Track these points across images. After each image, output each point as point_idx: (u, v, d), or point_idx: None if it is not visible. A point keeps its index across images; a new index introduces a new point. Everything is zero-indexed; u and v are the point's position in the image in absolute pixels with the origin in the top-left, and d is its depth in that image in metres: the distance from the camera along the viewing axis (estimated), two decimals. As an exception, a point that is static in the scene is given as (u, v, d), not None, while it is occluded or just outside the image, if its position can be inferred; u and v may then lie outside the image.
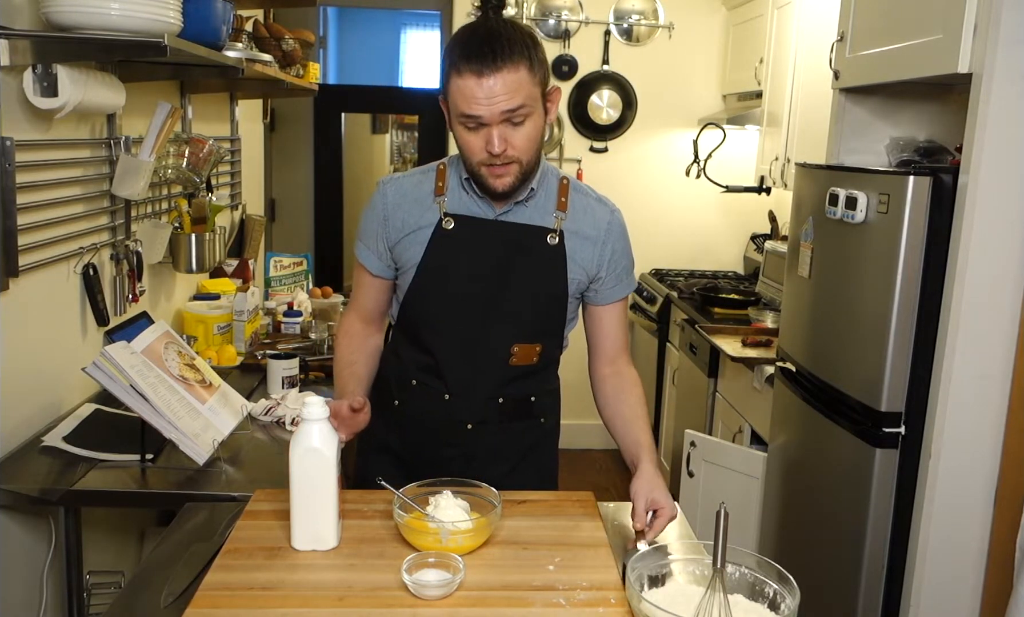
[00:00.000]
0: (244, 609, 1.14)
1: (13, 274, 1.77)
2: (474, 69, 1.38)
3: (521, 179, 1.49)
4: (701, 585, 1.15)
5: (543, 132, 1.48)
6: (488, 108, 1.40)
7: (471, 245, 1.54)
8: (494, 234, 1.54)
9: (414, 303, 1.58)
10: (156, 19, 1.69)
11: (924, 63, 2.04)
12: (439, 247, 1.54)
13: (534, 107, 1.43)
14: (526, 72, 1.40)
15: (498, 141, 1.42)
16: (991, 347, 1.93)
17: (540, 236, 1.55)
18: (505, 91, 1.39)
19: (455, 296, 1.55)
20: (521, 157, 1.45)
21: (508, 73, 1.39)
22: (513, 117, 1.41)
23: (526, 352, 1.57)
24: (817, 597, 2.23)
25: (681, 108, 4.46)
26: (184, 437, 1.75)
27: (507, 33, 1.41)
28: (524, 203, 1.55)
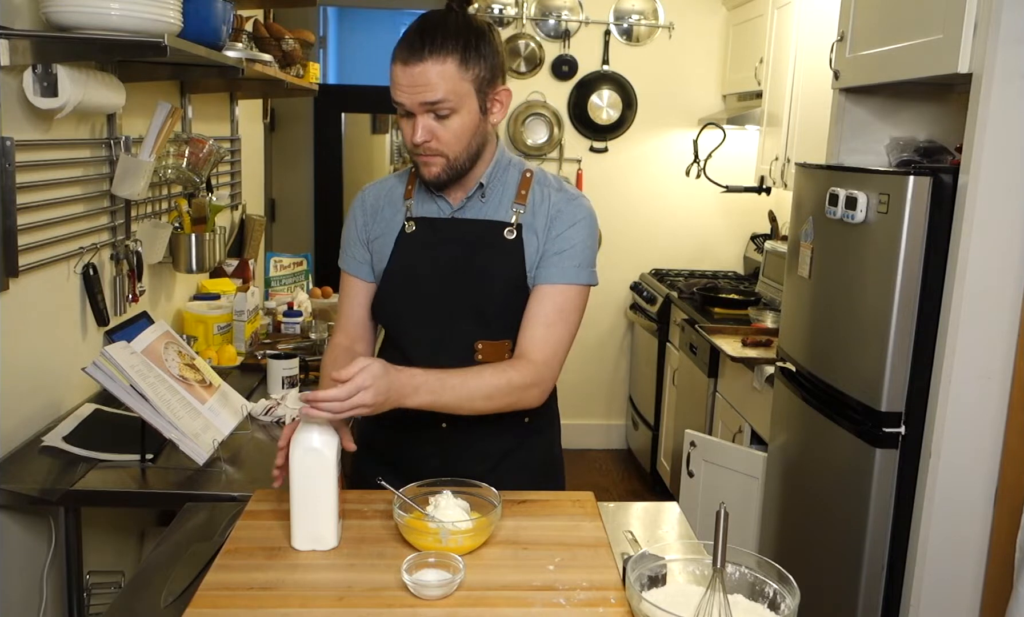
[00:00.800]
0: (244, 609, 1.14)
1: (13, 274, 1.77)
2: (402, 57, 1.40)
3: (452, 173, 1.48)
4: (701, 585, 1.15)
5: (477, 130, 1.46)
6: (409, 97, 1.41)
7: (430, 245, 1.55)
8: (450, 232, 1.55)
9: (384, 306, 1.59)
10: (156, 19, 1.69)
11: (924, 63, 2.04)
12: (402, 250, 1.56)
13: (461, 103, 1.42)
14: (454, 66, 1.39)
15: (420, 131, 1.42)
16: (991, 347, 1.93)
17: (497, 231, 1.53)
18: (425, 82, 1.39)
19: (418, 296, 1.55)
20: (446, 151, 1.45)
21: (432, 65, 1.38)
22: (436, 110, 1.41)
23: (494, 349, 1.54)
24: (817, 597, 2.23)
25: (681, 108, 4.46)
26: (184, 437, 1.75)
27: (450, 25, 1.41)
28: (480, 199, 1.54)
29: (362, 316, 1.65)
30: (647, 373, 4.27)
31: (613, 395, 4.70)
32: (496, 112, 1.49)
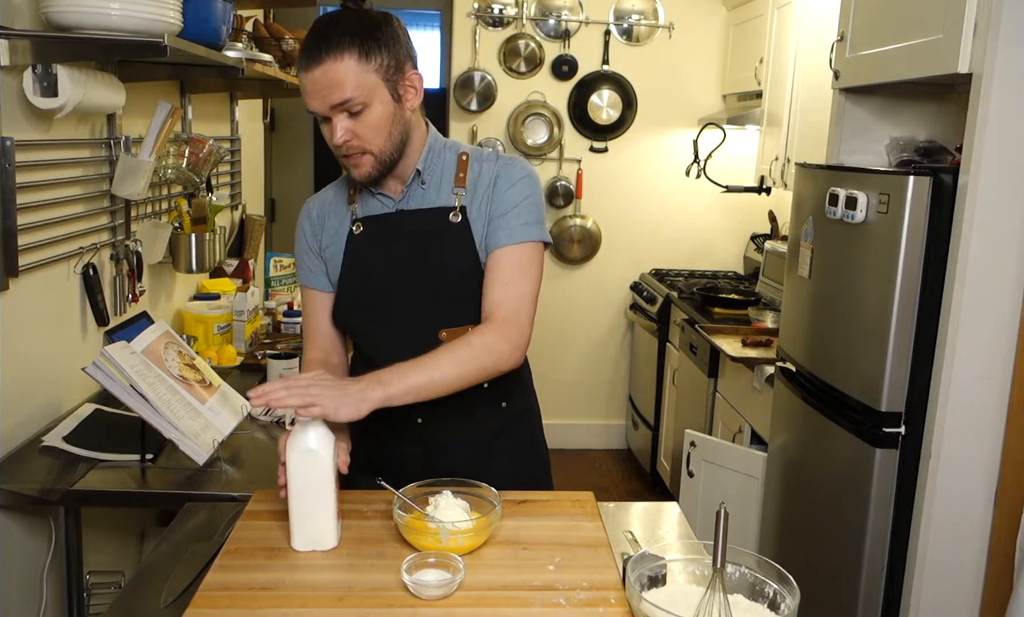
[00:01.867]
0: (244, 609, 1.14)
1: (13, 274, 1.77)
2: (303, 65, 1.40)
3: (381, 167, 1.48)
4: (701, 585, 1.15)
5: (395, 119, 1.45)
6: (319, 101, 1.40)
7: (380, 243, 1.55)
8: (397, 226, 1.54)
9: (343, 312, 1.59)
10: (156, 19, 1.69)
11: (924, 63, 2.04)
12: (353, 253, 1.56)
13: (371, 96, 1.41)
14: (354, 61, 1.38)
15: (339, 132, 1.42)
16: (991, 347, 1.93)
17: (442, 217, 1.53)
18: (328, 84, 1.38)
19: (375, 295, 1.55)
20: (369, 146, 1.44)
21: (330, 64, 1.38)
22: (348, 108, 1.40)
23: (458, 335, 1.49)
24: (817, 597, 2.23)
25: (681, 108, 4.46)
26: (184, 437, 1.75)
27: (343, 23, 1.40)
28: (420, 186, 1.54)
29: (328, 327, 1.63)
30: (647, 373, 4.27)
31: (613, 395, 4.70)
32: (411, 98, 1.48)
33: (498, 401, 1.61)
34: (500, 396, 1.61)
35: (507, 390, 1.62)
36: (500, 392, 1.61)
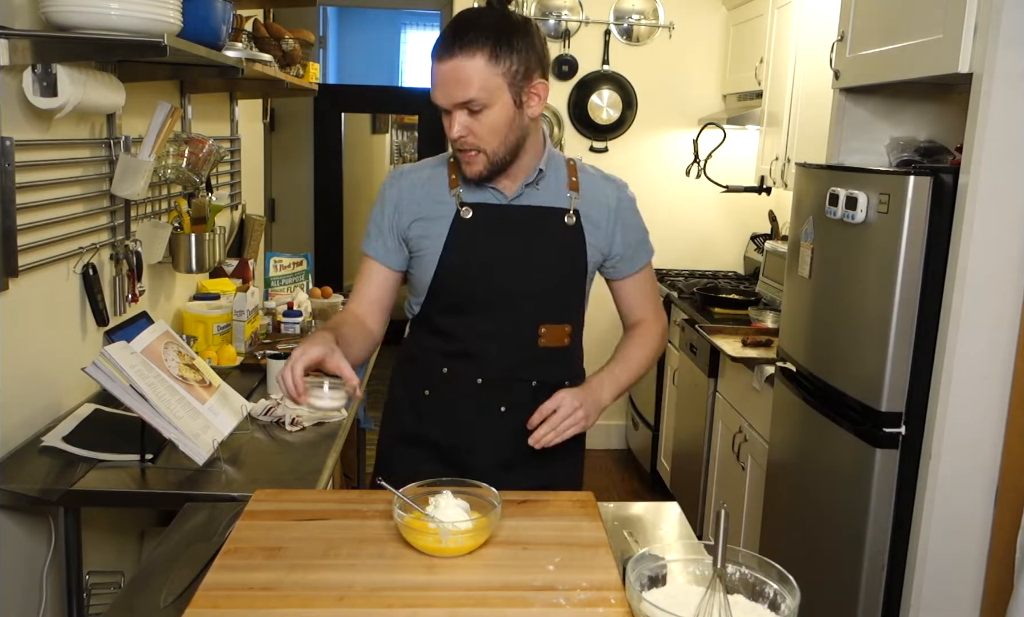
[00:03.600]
0: (244, 609, 1.14)
1: (13, 274, 1.77)
2: (436, 55, 1.44)
3: (493, 168, 1.51)
4: (701, 585, 1.15)
5: (513, 124, 1.48)
6: (443, 95, 1.45)
7: (491, 231, 1.57)
8: (512, 218, 1.58)
9: (439, 291, 1.59)
10: (156, 19, 1.69)
11: (924, 63, 2.04)
12: (459, 235, 1.56)
13: (493, 98, 1.44)
14: (483, 61, 1.42)
15: (456, 127, 1.46)
16: (991, 347, 1.93)
17: (557, 217, 1.59)
18: (455, 79, 1.42)
19: (480, 281, 1.57)
20: (483, 146, 1.48)
21: (461, 61, 1.41)
22: (470, 106, 1.44)
23: (555, 333, 1.60)
24: (817, 597, 2.23)
25: (681, 108, 4.46)
26: (184, 437, 1.75)
27: (482, 21, 1.44)
28: (535, 186, 1.58)
29: (379, 298, 1.65)
30: (647, 373, 4.27)
31: (613, 395, 4.69)
32: (534, 105, 1.50)
33: None
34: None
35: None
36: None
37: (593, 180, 1.64)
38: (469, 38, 1.41)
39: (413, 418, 1.67)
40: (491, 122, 1.46)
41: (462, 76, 1.42)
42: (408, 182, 1.62)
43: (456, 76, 1.42)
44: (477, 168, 1.51)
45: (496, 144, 1.48)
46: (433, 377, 1.64)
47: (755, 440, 2.90)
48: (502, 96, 1.45)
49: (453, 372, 1.62)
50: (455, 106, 1.44)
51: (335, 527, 1.36)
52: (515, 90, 1.46)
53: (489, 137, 1.47)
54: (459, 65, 1.41)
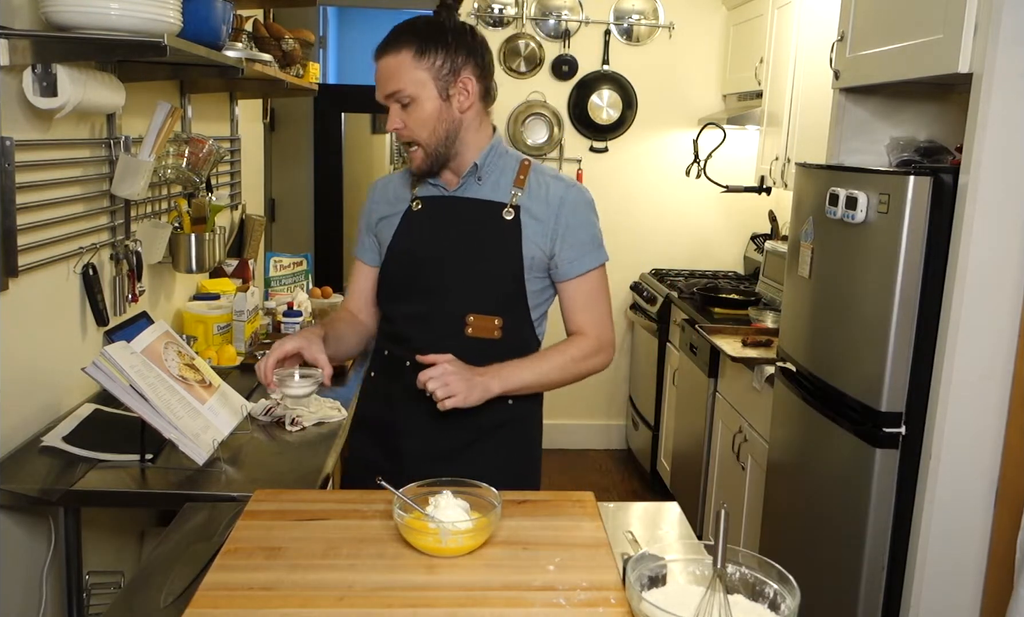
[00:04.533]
0: (244, 609, 1.14)
1: (13, 274, 1.77)
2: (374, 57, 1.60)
3: (431, 161, 1.62)
4: (701, 585, 1.15)
5: (441, 117, 1.59)
6: (378, 91, 1.60)
7: (432, 221, 1.68)
8: (451, 209, 1.67)
9: (385, 278, 1.73)
10: (156, 19, 1.69)
11: (924, 63, 2.04)
12: (407, 226, 1.70)
13: (418, 91, 1.57)
14: (408, 57, 1.55)
15: (390, 120, 1.59)
16: (991, 347, 1.93)
17: (495, 211, 1.65)
18: (385, 75, 1.57)
19: (416, 267, 1.67)
20: (416, 137, 1.60)
21: (389, 58, 1.56)
22: (398, 98, 1.58)
23: (484, 324, 1.64)
24: (817, 597, 2.23)
25: (681, 108, 4.46)
26: (184, 437, 1.75)
27: (415, 25, 1.59)
28: (477, 180, 1.67)
29: (365, 293, 1.80)
30: (647, 373, 4.27)
31: (613, 395, 4.70)
32: (462, 99, 1.60)
33: (505, 398, 1.65)
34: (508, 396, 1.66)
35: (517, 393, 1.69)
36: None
37: (543, 179, 1.69)
38: (397, 39, 1.57)
39: (363, 399, 1.82)
40: (420, 114, 1.58)
41: (390, 72, 1.56)
42: (380, 185, 1.80)
43: (386, 72, 1.57)
44: (416, 162, 1.62)
45: (426, 135, 1.59)
46: (378, 359, 1.77)
47: (755, 440, 2.90)
48: (428, 90, 1.57)
49: (391, 355, 1.72)
50: (386, 98, 1.58)
51: (335, 527, 1.36)
52: (441, 84, 1.58)
53: (419, 129, 1.59)
54: (387, 62, 1.57)
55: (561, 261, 1.67)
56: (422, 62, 1.56)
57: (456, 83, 1.59)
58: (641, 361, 4.44)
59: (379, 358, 1.76)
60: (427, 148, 1.61)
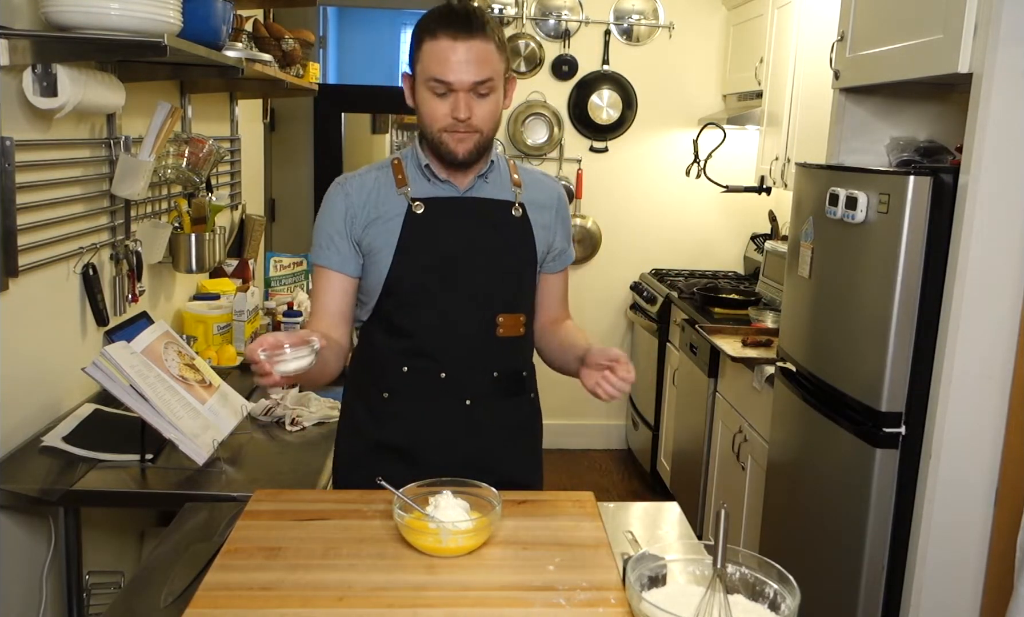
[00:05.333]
0: (244, 609, 1.14)
1: (13, 274, 1.77)
2: (450, 33, 1.46)
3: (480, 151, 1.56)
4: (701, 585, 1.15)
5: (499, 111, 1.56)
6: (458, 74, 1.46)
7: (442, 224, 1.58)
8: (463, 210, 1.60)
9: (395, 289, 1.58)
10: (156, 19, 1.69)
11: (924, 63, 2.04)
12: (412, 231, 1.57)
13: (497, 84, 1.52)
14: (495, 48, 1.50)
15: (464, 107, 1.48)
16: (991, 347, 1.93)
17: (505, 209, 1.63)
18: (476, 59, 1.47)
19: (434, 275, 1.57)
20: (482, 128, 1.53)
21: (481, 43, 1.47)
22: (480, 89, 1.49)
23: (512, 322, 1.62)
24: (817, 597, 2.23)
25: (681, 108, 4.46)
26: (184, 437, 1.75)
27: (480, 13, 1.51)
28: (485, 179, 1.62)
29: (342, 309, 1.62)
30: (647, 373, 4.27)
31: (613, 395, 4.69)
32: (509, 97, 1.59)
33: (528, 392, 1.70)
34: (531, 387, 1.71)
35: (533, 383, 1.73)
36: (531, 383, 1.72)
37: (533, 176, 1.70)
38: (483, 23, 1.48)
39: (372, 425, 1.62)
40: (492, 106, 1.52)
41: (484, 56, 1.47)
42: (355, 187, 1.61)
43: (479, 55, 1.46)
44: (470, 146, 1.53)
45: (490, 128, 1.55)
46: (392, 378, 1.60)
47: (755, 440, 2.90)
48: (500, 84, 1.53)
49: (414, 370, 1.59)
50: (470, 86, 1.48)
51: (335, 527, 1.36)
52: (504, 81, 1.56)
53: (488, 120, 1.53)
54: (481, 45, 1.47)
55: (556, 255, 1.70)
56: (500, 55, 1.52)
57: (509, 82, 1.58)
58: (641, 361, 4.44)
59: (393, 377, 1.60)
60: (485, 139, 1.55)
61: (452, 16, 1.47)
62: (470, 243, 1.58)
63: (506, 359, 1.63)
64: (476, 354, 1.59)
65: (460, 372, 1.59)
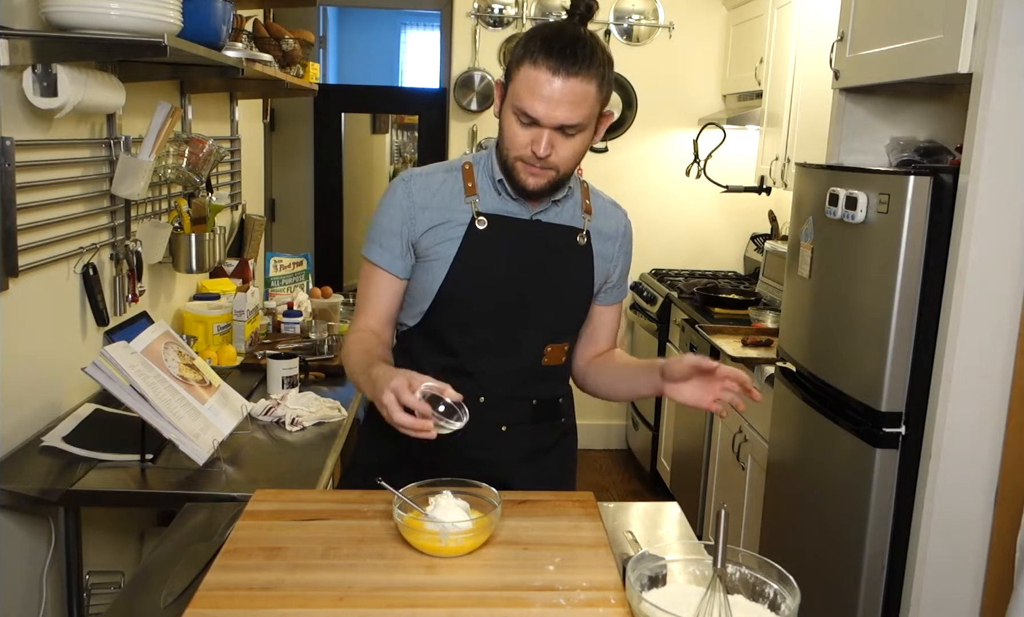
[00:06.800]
0: (244, 609, 1.14)
1: (13, 274, 1.77)
2: (551, 65, 1.34)
3: (554, 187, 1.48)
4: (701, 585, 1.15)
5: (586, 149, 1.47)
6: (548, 110, 1.36)
7: (505, 244, 1.50)
8: (528, 234, 1.52)
9: (446, 303, 1.51)
10: (156, 19, 1.69)
11: (924, 63, 2.04)
12: (472, 247, 1.49)
13: (589, 125, 1.42)
14: (595, 89, 1.38)
15: (545, 145, 1.39)
16: (991, 347, 1.93)
17: (571, 236, 1.55)
18: (571, 100, 1.36)
19: (489, 295, 1.51)
20: (560, 167, 1.44)
21: (580, 82, 1.35)
22: (568, 130, 1.39)
23: (557, 352, 1.58)
24: (817, 597, 2.23)
25: (681, 108, 4.46)
26: (184, 437, 1.75)
27: (591, 44, 1.38)
28: (559, 204, 1.55)
29: (390, 308, 1.56)
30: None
31: (613, 395, 4.69)
32: (600, 133, 1.49)
33: (562, 416, 1.65)
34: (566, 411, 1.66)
35: (568, 407, 1.68)
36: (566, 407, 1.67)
37: (603, 203, 1.63)
38: (591, 60, 1.35)
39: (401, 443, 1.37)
40: (577, 147, 1.43)
41: (580, 97, 1.36)
42: (420, 186, 1.52)
43: (574, 95, 1.35)
44: (543, 182, 1.45)
45: (572, 166, 1.46)
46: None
47: (755, 440, 2.90)
48: (592, 124, 1.43)
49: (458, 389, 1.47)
50: (558, 125, 1.38)
51: (335, 527, 1.36)
52: (597, 120, 1.44)
53: (569, 160, 1.44)
54: (580, 85, 1.35)
55: (612, 287, 1.64)
56: (600, 95, 1.39)
57: (603, 118, 1.46)
58: (641, 361, 4.43)
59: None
60: (562, 177, 1.46)
61: (558, 44, 1.35)
62: (530, 269, 1.51)
63: (546, 387, 1.59)
64: (519, 381, 1.54)
65: (499, 398, 1.54)
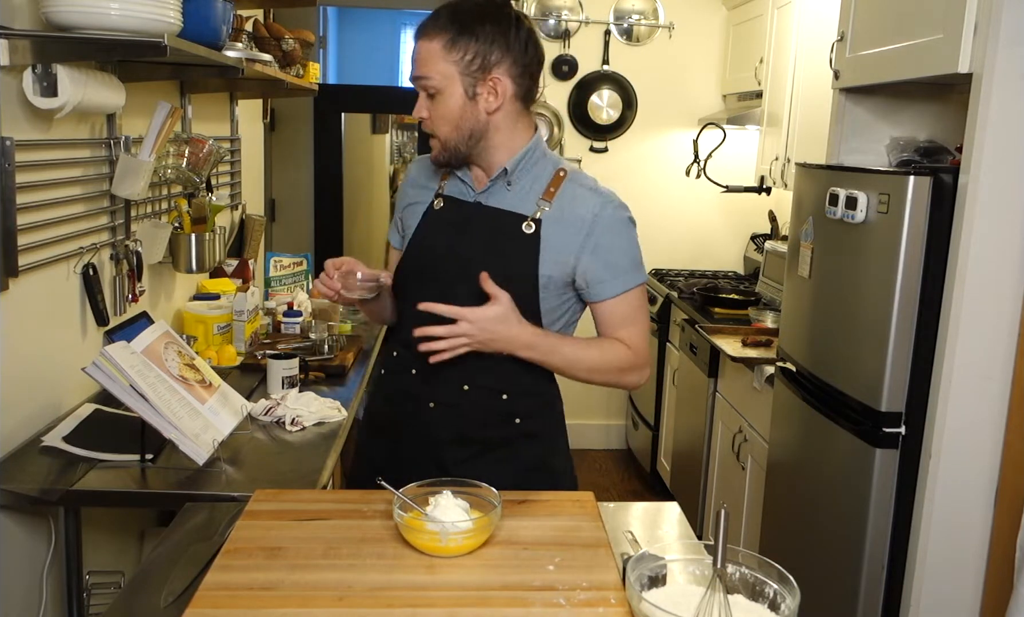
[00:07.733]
0: (244, 609, 1.14)
1: (13, 274, 1.77)
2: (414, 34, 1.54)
3: (447, 155, 1.55)
4: (701, 585, 1.15)
5: (464, 114, 1.50)
6: (413, 71, 1.52)
7: (451, 225, 1.60)
8: (471, 216, 1.59)
9: (398, 276, 1.65)
10: (156, 19, 1.69)
11: (924, 63, 2.04)
12: (425, 225, 1.63)
13: (445, 84, 1.48)
14: (440, 46, 1.47)
15: (416, 107, 1.52)
16: (991, 347, 1.93)
17: (516, 223, 1.55)
18: (417, 59, 1.50)
19: (430, 272, 1.59)
20: (436, 131, 1.53)
21: (424, 42, 1.49)
22: (425, 88, 1.50)
23: None
24: (817, 597, 2.23)
25: (681, 108, 4.46)
26: (184, 437, 1.75)
27: (460, 9, 1.49)
28: (505, 187, 1.57)
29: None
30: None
31: (613, 395, 4.70)
32: (488, 100, 1.50)
33: (513, 417, 1.61)
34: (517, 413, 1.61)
35: (527, 412, 1.62)
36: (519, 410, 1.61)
37: (577, 192, 1.57)
38: (435, 23, 1.48)
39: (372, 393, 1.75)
40: (443, 109, 1.50)
41: (421, 56, 1.49)
42: (417, 169, 1.70)
43: (418, 56, 1.49)
44: (435, 152, 1.57)
45: (447, 131, 1.52)
46: (388, 357, 1.70)
47: (755, 440, 2.90)
48: (454, 85, 1.48)
49: (400, 357, 1.65)
50: (415, 82, 1.51)
51: (335, 527, 1.36)
52: (468, 81, 1.49)
53: (440, 123, 1.52)
54: (421, 46, 1.49)
55: (591, 282, 1.55)
56: (451, 54, 1.46)
57: (485, 81, 1.48)
58: (641, 361, 4.44)
59: (389, 357, 1.68)
60: (446, 144, 1.53)
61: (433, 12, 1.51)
62: (467, 251, 1.55)
63: (483, 375, 1.56)
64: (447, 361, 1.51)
65: (430, 374, 1.56)
